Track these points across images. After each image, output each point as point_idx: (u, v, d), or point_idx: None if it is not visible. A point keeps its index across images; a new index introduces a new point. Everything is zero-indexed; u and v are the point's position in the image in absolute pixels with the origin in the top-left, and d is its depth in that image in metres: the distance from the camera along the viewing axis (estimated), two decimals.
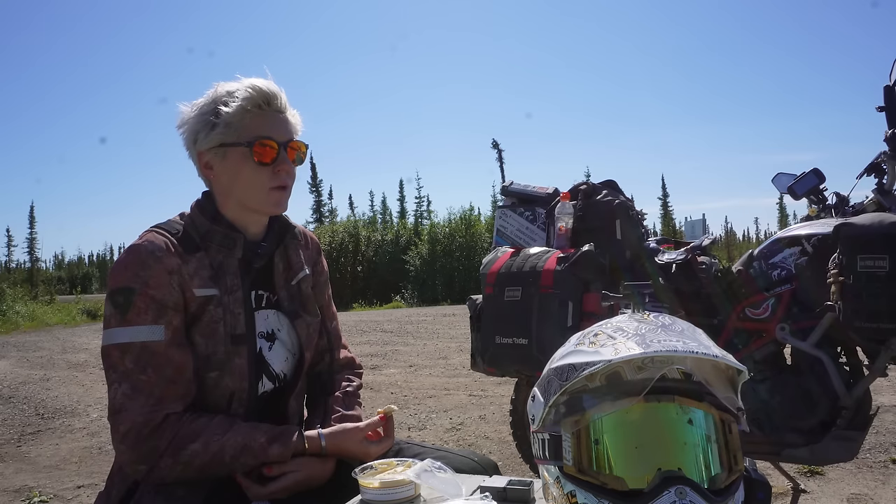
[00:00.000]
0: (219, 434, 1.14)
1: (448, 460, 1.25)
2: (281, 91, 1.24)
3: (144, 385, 1.12)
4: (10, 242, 38.00)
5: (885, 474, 2.98)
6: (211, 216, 1.25)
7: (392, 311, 17.01)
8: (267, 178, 1.23)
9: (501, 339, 2.33)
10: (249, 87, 1.20)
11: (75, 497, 3.20)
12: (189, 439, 1.13)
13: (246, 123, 1.20)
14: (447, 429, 4.14)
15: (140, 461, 1.12)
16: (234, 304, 1.22)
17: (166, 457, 1.11)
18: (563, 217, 2.61)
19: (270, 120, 1.22)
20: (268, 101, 1.22)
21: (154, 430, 1.11)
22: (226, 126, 1.20)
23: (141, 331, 1.13)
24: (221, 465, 1.14)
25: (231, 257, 1.24)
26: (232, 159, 1.22)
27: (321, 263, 1.47)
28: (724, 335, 2.30)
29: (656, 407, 0.78)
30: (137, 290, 1.14)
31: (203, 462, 1.13)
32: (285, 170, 1.24)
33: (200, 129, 1.22)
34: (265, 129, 1.21)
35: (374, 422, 1.29)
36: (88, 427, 4.60)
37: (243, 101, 1.19)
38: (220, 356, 1.20)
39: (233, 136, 1.21)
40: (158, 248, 1.17)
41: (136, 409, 1.11)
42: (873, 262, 1.94)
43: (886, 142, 2.32)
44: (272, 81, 1.24)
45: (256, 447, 1.15)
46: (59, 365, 7.66)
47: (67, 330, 13.28)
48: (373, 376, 6.00)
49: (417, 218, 33.98)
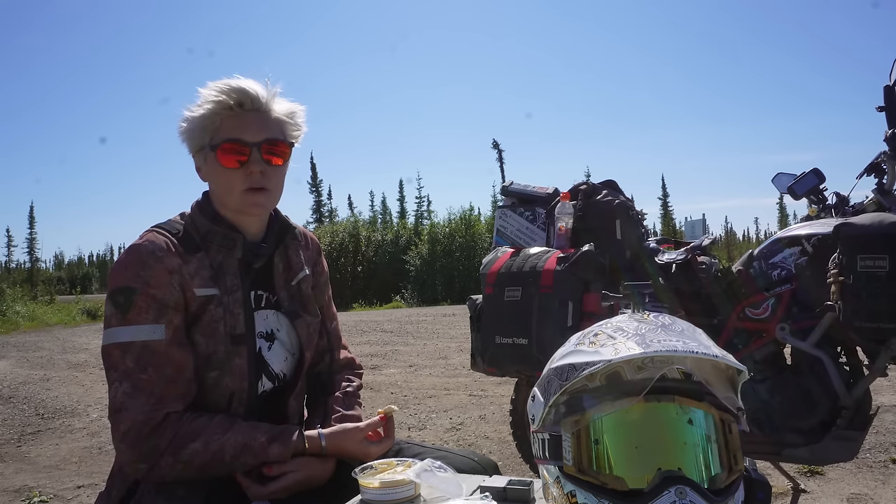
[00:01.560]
0: (219, 433, 1.14)
1: (448, 460, 1.25)
2: (262, 88, 1.21)
3: (145, 384, 1.12)
4: (10, 242, 38.01)
5: (885, 474, 2.98)
6: (211, 216, 1.26)
7: (392, 311, 17.01)
8: (239, 180, 1.21)
9: (501, 339, 2.33)
10: (219, 89, 1.19)
11: (75, 497, 3.19)
12: (189, 438, 1.13)
13: (217, 126, 1.20)
14: (447, 429, 4.14)
15: (140, 460, 1.12)
16: (233, 304, 1.22)
17: (167, 455, 1.11)
18: (563, 217, 2.61)
19: (242, 121, 1.20)
20: (240, 102, 1.20)
21: (154, 429, 1.11)
22: (202, 129, 1.21)
23: (142, 330, 1.13)
24: (221, 465, 1.14)
25: (231, 257, 1.24)
26: (210, 162, 1.23)
27: (321, 264, 1.47)
28: (724, 335, 2.30)
29: (656, 407, 0.78)
30: (138, 289, 1.14)
31: (203, 461, 1.13)
32: (256, 171, 1.21)
33: (185, 134, 1.23)
34: (235, 130, 1.20)
35: (375, 422, 1.29)
36: (88, 427, 4.60)
37: (212, 104, 1.19)
38: (220, 356, 1.20)
39: (207, 139, 1.21)
40: (159, 247, 1.17)
41: (137, 409, 1.11)
42: (873, 262, 1.94)
43: (886, 142, 2.32)
44: (251, 80, 1.21)
45: (256, 446, 1.15)
46: (59, 365, 7.66)
47: (67, 330, 13.27)
48: (373, 376, 6.00)
49: (417, 218, 33.96)
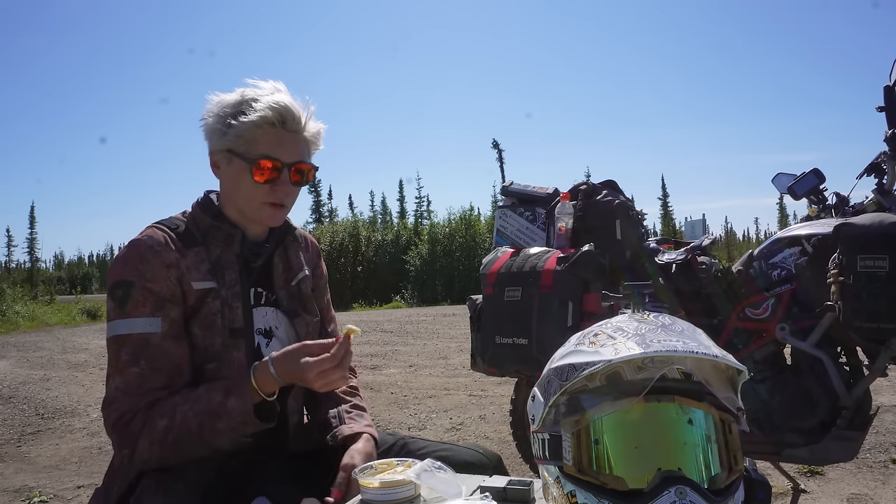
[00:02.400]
0: (181, 404, 1.15)
1: (453, 453, 1.28)
2: (304, 110, 1.24)
3: (136, 377, 1.15)
4: (11, 242, 37.93)
5: (885, 474, 2.98)
6: (213, 214, 1.27)
7: (392, 311, 17.01)
8: (263, 193, 1.23)
9: (501, 339, 2.33)
10: (269, 105, 1.20)
11: (75, 497, 3.19)
12: (159, 416, 1.14)
13: (256, 138, 1.21)
14: (447, 429, 4.14)
15: (123, 445, 1.15)
16: (232, 299, 1.24)
17: (142, 438, 1.13)
18: (563, 217, 2.61)
19: (281, 139, 1.22)
20: (283, 121, 1.22)
21: (135, 415, 1.14)
22: (237, 136, 1.21)
23: (138, 322, 1.16)
24: (192, 437, 1.13)
25: (229, 252, 1.26)
26: (236, 167, 1.23)
27: (321, 267, 1.49)
28: (724, 335, 2.30)
29: (656, 407, 0.78)
30: (136, 283, 1.16)
31: (175, 437, 1.13)
32: (283, 190, 1.24)
33: (216, 130, 1.23)
34: (273, 147, 1.21)
35: (327, 343, 1.19)
36: (88, 427, 4.60)
37: (258, 117, 1.20)
38: (216, 348, 1.22)
39: (241, 147, 1.22)
40: (157, 242, 1.19)
41: (125, 400, 1.14)
42: (873, 262, 1.94)
43: (886, 142, 2.32)
44: (295, 100, 1.24)
45: (216, 407, 1.14)
46: (59, 365, 7.66)
47: (67, 330, 13.27)
48: (373, 376, 6.00)
49: (417, 218, 33.94)
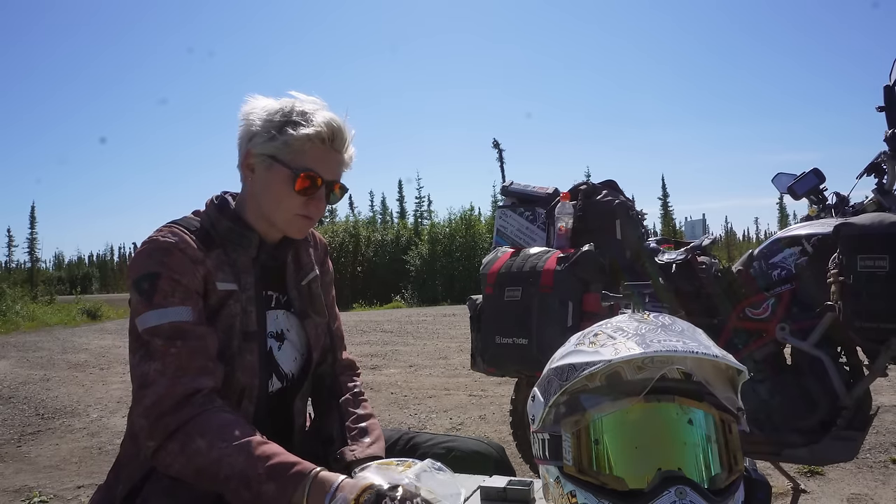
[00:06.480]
0: (227, 442, 1.05)
1: (458, 443, 1.28)
2: (350, 132, 1.26)
3: (174, 359, 1.10)
4: (11, 242, 38.02)
5: (885, 474, 2.98)
6: (231, 216, 1.27)
7: (392, 311, 17.01)
8: (298, 205, 1.24)
9: (501, 339, 2.33)
10: (326, 121, 1.21)
11: (75, 497, 3.19)
12: (199, 432, 1.06)
13: (305, 150, 1.21)
14: (447, 429, 4.14)
15: (151, 437, 1.08)
16: (246, 302, 1.24)
17: (175, 441, 1.06)
18: (563, 217, 2.61)
19: (326, 156, 1.24)
20: (332, 139, 1.23)
21: (174, 405, 1.08)
22: (285, 145, 1.21)
23: (168, 312, 1.13)
24: (214, 479, 1.04)
25: (246, 255, 1.26)
26: (275, 174, 1.23)
27: (327, 264, 1.49)
28: (724, 335, 2.30)
29: (656, 407, 0.78)
30: (162, 273, 1.14)
31: (200, 465, 1.05)
32: (317, 206, 1.25)
33: (260, 133, 1.22)
34: (318, 163, 1.22)
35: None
36: (88, 427, 4.60)
37: (314, 131, 1.20)
38: (232, 351, 1.21)
39: (286, 157, 1.21)
40: (181, 239, 1.18)
41: (163, 383, 1.09)
42: (873, 262, 1.94)
43: (886, 142, 2.32)
44: (345, 122, 1.25)
45: (252, 478, 1.03)
46: (59, 365, 7.66)
47: (67, 330, 13.27)
48: (373, 376, 6.00)
49: (417, 218, 33.99)
